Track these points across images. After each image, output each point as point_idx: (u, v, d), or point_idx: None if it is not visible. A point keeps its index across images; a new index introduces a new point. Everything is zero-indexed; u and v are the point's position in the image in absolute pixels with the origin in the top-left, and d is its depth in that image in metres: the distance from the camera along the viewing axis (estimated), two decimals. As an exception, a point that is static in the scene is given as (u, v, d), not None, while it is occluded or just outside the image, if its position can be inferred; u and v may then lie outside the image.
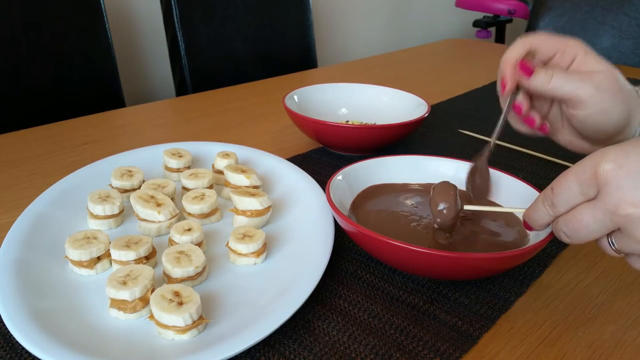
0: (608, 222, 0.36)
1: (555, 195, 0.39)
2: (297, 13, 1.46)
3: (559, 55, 0.50)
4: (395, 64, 1.33)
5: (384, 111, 0.82)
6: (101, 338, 0.40)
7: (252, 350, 0.41)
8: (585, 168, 0.37)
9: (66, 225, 0.54)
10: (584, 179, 0.37)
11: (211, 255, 0.51)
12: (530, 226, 0.44)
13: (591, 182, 0.37)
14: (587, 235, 0.38)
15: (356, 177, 0.58)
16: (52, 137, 0.81)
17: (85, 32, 1.11)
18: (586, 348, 0.42)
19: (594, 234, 0.38)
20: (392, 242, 0.43)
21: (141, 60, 1.47)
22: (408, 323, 0.44)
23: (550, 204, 0.40)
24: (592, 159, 0.37)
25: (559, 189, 0.39)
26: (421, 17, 2.39)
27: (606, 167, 0.36)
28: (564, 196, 0.39)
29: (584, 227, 0.38)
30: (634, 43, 1.42)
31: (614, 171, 0.35)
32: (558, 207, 0.39)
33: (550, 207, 0.40)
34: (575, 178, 0.37)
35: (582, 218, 0.38)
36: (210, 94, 1.05)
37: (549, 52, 0.50)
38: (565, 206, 0.39)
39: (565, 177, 0.38)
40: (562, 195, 0.39)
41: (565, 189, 0.38)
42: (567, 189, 0.38)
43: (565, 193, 0.38)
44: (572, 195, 0.38)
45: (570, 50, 0.49)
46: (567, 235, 0.39)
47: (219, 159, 0.64)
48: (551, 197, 0.40)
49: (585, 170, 0.37)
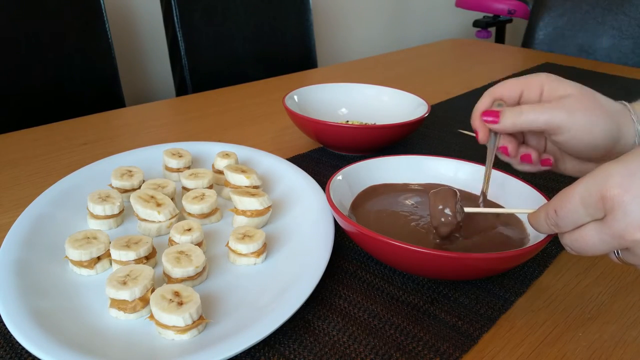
0: (616, 244, 0.37)
1: (560, 218, 0.39)
2: (297, 13, 1.46)
3: (526, 92, 0.50)
4: (395, 64, 1.33)
5: (384, 111, 0.82)
6: (101, 338, 0.40)
7: (252, 350, 0.41)
8: (591, 192, 0.37)
9: (66, 225, 0.54)
10: (590, 203, 0.37)
11: (211, 255, 0.51)
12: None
13: (598, 205, 0.37)
14: (594, 253, 0.39)
15: (356, 177, 0.58)
16: (52, 137, 0.81)
17: (85, 32, 1.11)
18: (586, 348, 0.42)
19: (600, 252, 0.39)
20: (392, 242, 0.43)
21: (141, 60, 1.47)
22: (408, 323, 0.44)
23: (554, 224, 0.40)
24: (596, 181, 0.37)
25: (563, 213, 0.39)
26: (421, 17, 2.39)
27: (613, 192, 0.36)
28: (570, 219, 0.39)
29: (591, 247, 0.38)
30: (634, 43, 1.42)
31: (620, 197, 0.35)
32: (563, 228, 0.40)
33: (554, 227, 0.40)
34: (581, 202, 0.37)
35: (589, 239, 0.38)
36: (210, 94, 1.05)
37: (515, 93, 0.51)
38: (571, 227, 0.39)
39: (569, 199, 0.38)
40: (567, 218, 0.39)
41: (570, 212, 0.38)
42: (573, 212, 0.38)
43: (570, 216, 0.39)
44: (579, 218, 0.38)
45: (535, 83, 0.50)
46: (573, 250, 0.40)
47: (219, 159, 0.64)
48: (555, 219, 0.40)
49: (591, 194, 0.37)
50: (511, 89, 0.51)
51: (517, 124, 0.48)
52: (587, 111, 0.47)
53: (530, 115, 0.47)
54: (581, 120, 0.46)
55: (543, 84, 0.49)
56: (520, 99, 0.51)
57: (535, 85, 0.50)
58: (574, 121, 0.46)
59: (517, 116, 0.48)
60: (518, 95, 0.51)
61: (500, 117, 0.48)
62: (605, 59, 1.45)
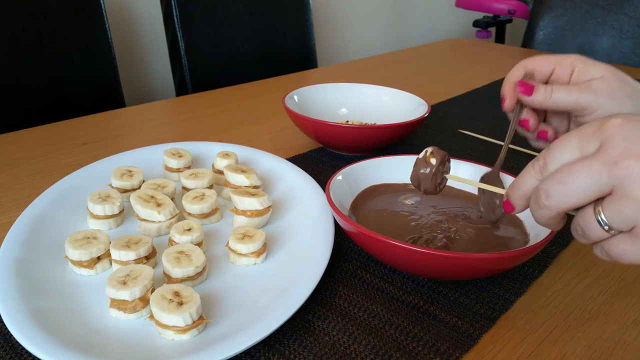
0: (604, 176, 0.32)
1: (549, 152, 0.35)
2: (297, 13, 1.46)
3: (558, 70, 0.52)
4: (395, 64, 1.33)
5: (384, 111, 0.82)
6: (101, 338, 0.40)
7: (252, 350, 0.41)
8: (590, 125, 0.34)
9: (66, 225, 0.54)
10: (587, 133, 0.33)
11: (211, 255, 0.51)
12: (510, 204, 0.39)
13: (594, 134, 0.33)
14: (573, 194, 0.33)
15: (356, 177, 0.58)
16: (52, 137, 0.81)
17: (85, 32, 1.11)
18: (586, 348, 0.42)
19: (581, 193, 0.33)
20: (392, 242, 0.43)
21: (141, 60, 1.47)
22: (408, 323, 0.44)
23: (541, 164, 0.35)
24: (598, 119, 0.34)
25: (555, 145, 0.35)
26: (421, 17, 2.39)
27: (615, 120, 0.32)
28: (559, 151, 0.34)
29: (572, 181, 0.33)
30: (634, 43, 1.42)
31: (622, 124, 0.32)
32: (549, 165, 0.35)
33: (540, 169, 0.35)
34: (577, 133, 0.34)
35: (574, 169, 0.33)
36: (210, 94, 1.05)
37: (547, 69, 0.52)
38: (558, 164, 0.34)
39: (565, 135, 0.35)
40: (557, 150, 0.34)
41: (562, 144, 0.34)
42: (564, 144, 0.34)
43: (561, 148, 0.34)
44: (569, 150, 0.34)
45: (568, 63, 0.51)
46: (548, 194, 0.34)
47: (219, 159, 0.64)
48: (544, 155, 0.35)
49: (590, 126, 0.33)
50: (544, 64, 0.52)
51: (547, 101, 0.49)
52: (614, 94, 0.47)
53: (560, 94, 0.48)
54: (607, 103, 0.47)
55: (575, 64, 0.50)
56: (551, 76, 0.52)
57: (567, 65, 0.51)
58: (601, 103, 0.47)
59: (548, 93, 0.49)
60: (550, 71, 0.52)
61: (533, 91, 0.49)
62: (605, 59, 1.45)
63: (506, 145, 0.53)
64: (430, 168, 0.49)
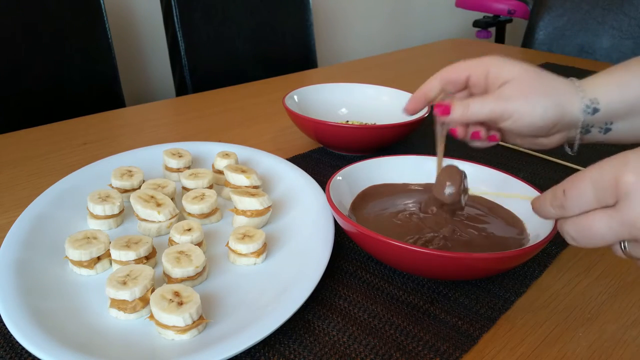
0: (625, 233, 0.35)
1: (567, 199, 0.37)
2: (297, 13, 1.46)
3: (472, 76, 0.52)
4: (395, 64, 1.33)
5: (384, 111, 0.82)
6: (101, 338, 0.40)
7: (252, 350, 0.41)
8: (604, 174, 0.35)
9: (66, 225, 0.54)
10: (602, 186, 0.35)
11: (211, 255, 0.51)
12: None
13: (610, 189, 0.35)
14: (597, 242, 0.37)
15: (356, 177, 0.58)
16: (52, 137, 0.81)
17: (85, 32, 1.11)
18: (586, 348, 0.42)
19: (604, 242, 0.36)
20: (392, 242, 0.43)
21: (141, 60, 1.47)
22: (408, 323, 0.44)
23: (559, 205, 0.38)
24: (612, 165, 0.35)
25: (572, 193, 0.37)
26: (421, 17, 2.39)
27: (629, 178, 0.34)
28: (577, 201, 0.37)
29: (595, 234, 0.36)
30: (634, 43, 1.42)
31: (636, 183, 0.33)
32: (568, 211, 0.37)
33: (559, 209, 0.38)
34: (592, 183, 0.36)
35: (595, 225, 0.36)
36: (210, 94, 1.05)
37: (463, 77, 0.53)
38: (577, 211, 0.37)
39: (580, 180, 0.36)
40: (575, 199, 0.37)
41: (579, 194, 0.36)
42: (582, 194, 0.36)
43: (579, 198, 0.36)
44: (587, 201, 0.36)
45: (481, 68, 0.51)
46: (574, 238, 0.38)
47: (219, 159, 0.64)
48: (562, 200, 0.38)
49: (604, 176, 0.35)
50: (459, 72, 0.53)
51: (465, 115, 0.49)
52: (526, 95, 0.48)
53: (476, 108, 0.49)
54: (522, 105, 0.48)
55: (488, 68, 0.51)
56: (468, 83, 0.53)
57: (481, 70, 0.51)
58: (514, 108, 0.48)
59: (465, 108, 0.49)
60: (465, 78, 0.52)
61: (450, 110, 0.50)
62: (605, 59, 1.45)
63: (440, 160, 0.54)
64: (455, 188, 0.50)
